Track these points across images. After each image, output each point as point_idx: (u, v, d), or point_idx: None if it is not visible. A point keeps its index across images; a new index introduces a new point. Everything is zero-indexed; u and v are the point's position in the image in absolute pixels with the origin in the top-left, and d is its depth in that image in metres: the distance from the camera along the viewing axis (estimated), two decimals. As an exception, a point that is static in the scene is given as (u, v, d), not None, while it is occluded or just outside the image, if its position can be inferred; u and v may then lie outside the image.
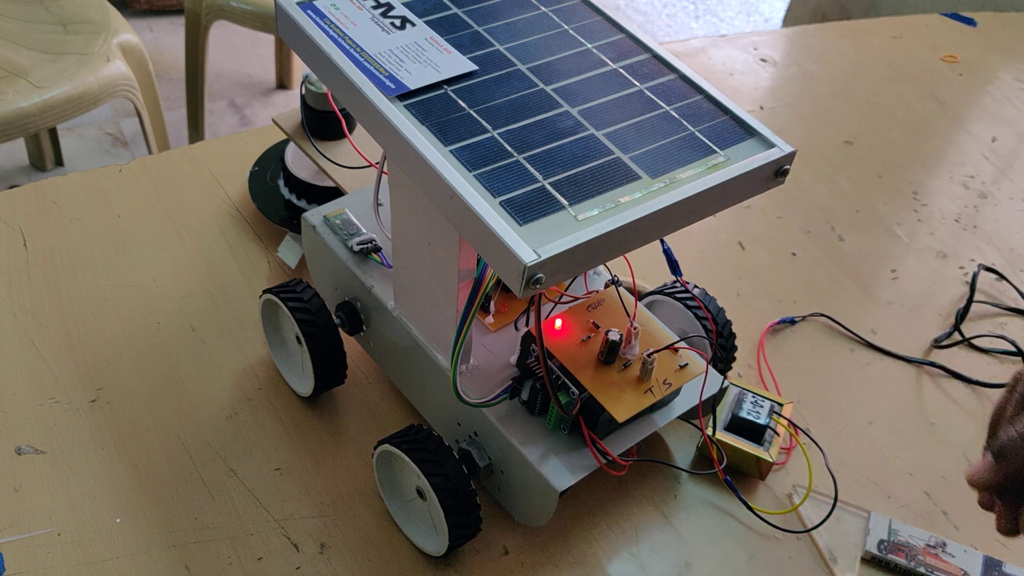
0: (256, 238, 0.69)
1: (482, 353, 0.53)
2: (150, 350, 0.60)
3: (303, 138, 0.66)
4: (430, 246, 0.47)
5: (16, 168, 1.78)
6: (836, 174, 0.88)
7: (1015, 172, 0.94)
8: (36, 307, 0.61)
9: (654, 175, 0.41)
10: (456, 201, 0.39)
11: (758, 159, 0.43)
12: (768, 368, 0.66)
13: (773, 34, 1.12)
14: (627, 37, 0.49)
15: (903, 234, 0.83)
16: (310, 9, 0.46)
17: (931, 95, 1.04)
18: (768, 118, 0.94)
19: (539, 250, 0.37)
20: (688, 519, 0.56)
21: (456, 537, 0.48)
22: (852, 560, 0.55)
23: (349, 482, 0.54)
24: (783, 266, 0.76)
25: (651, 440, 0.59)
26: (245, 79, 2.15)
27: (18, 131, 1.19)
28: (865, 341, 0.70)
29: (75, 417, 0.56)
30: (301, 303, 0.54)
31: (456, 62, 0.45)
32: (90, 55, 1.28)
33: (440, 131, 0.41)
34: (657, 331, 0.51)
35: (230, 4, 1.57)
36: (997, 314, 0.76)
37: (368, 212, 0.58)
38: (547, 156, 0.41)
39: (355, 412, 0.58)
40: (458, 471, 0.47)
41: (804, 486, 0.58)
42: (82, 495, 0.52)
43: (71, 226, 0.68)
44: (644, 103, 0.45)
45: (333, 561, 0.51)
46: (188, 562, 0.50)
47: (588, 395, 0.47)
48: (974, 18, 1.23)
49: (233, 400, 0.58)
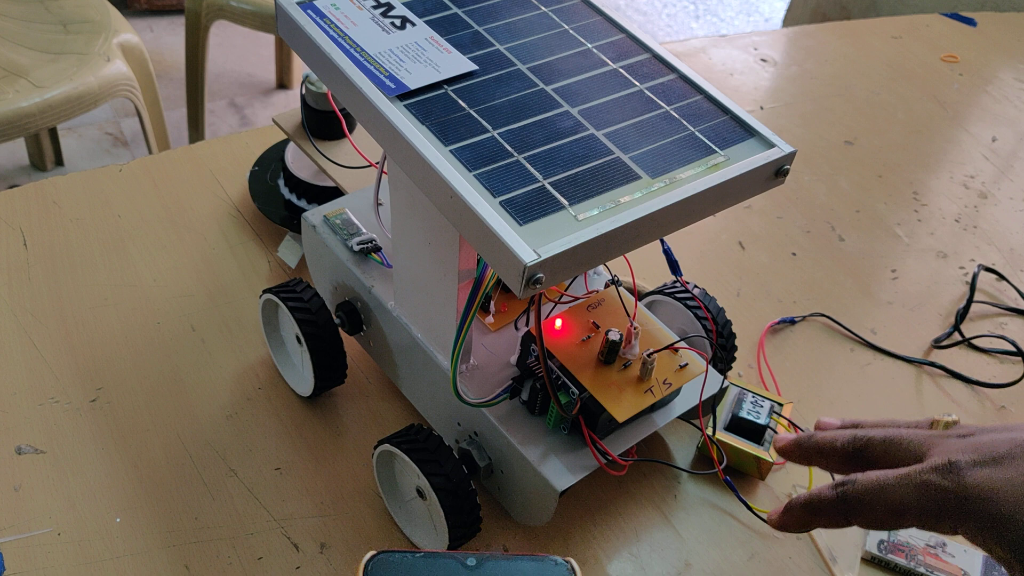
0: (256, 238, 0.69)
1: (482, 353, 0.53)
2: (150, 350, 0.60)
3: (303, 138, 0.66)
4: (430, 246, 0.47)
5: (16, 168, 1.78)
6: (836, 174, 0.88)
7: (1015, 172, 0.94)
8: (36, 307, 0.61)
9: (654, 175, 0.41)
10: (456, 201, 0.39)
11: (758, 159, 0.43)
12: (768, 368, 0.66)
13: (773, 34, 1.12)
14: (627, 37, 0.49)
15: (903, 234, 0.83)
16: (310, 9, 0.47)
17: (931, 95, 1.04)
18: (768, 118, 0.94)
19: (539, 250, 0.37)
20: (688, 519, 0.56)
21: (456, 537, 0.48)
22: (852, 560, 0.55)
23: (349, 482, 0.55)
24: (783, 266, 0.76)
25: (651, 440, 0.59)
26: (245, 79, 2.15)
27: (18, 131, 1.19)
28: (865, 341, 0.70)
29: (75, 417, 0.56)
30: (301, 303, 0.54)
31: (456, 62, 0.45)
32: (90, 55, 1.28)
33: (440, 131, 0.41)
34: (657, 331, 0.51)
35: (230, 4, 1.57)
36: (997, 314, 0.76)
37: (368, 212, 0.58)
38: (547, 156, 0.41)
39: (355, 412, 0.58)
40: (458, 471, 0.47)
41: (804, 486, 0.58)
42: (82, 495, 0.52)
43: (71, 226, 0.68)
44: (644, 103, 0.45)
45: (333, 561, 0.51)
46: (188, 562, 0.50)
47: (588, 395, 0.47)
48: (974, 18, 1.23)
49: (233, 400, 0.58)
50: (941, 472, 0.38)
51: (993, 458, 0.38)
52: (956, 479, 0.37)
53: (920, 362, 0.69)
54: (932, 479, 0.38)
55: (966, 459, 0.38)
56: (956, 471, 0.38)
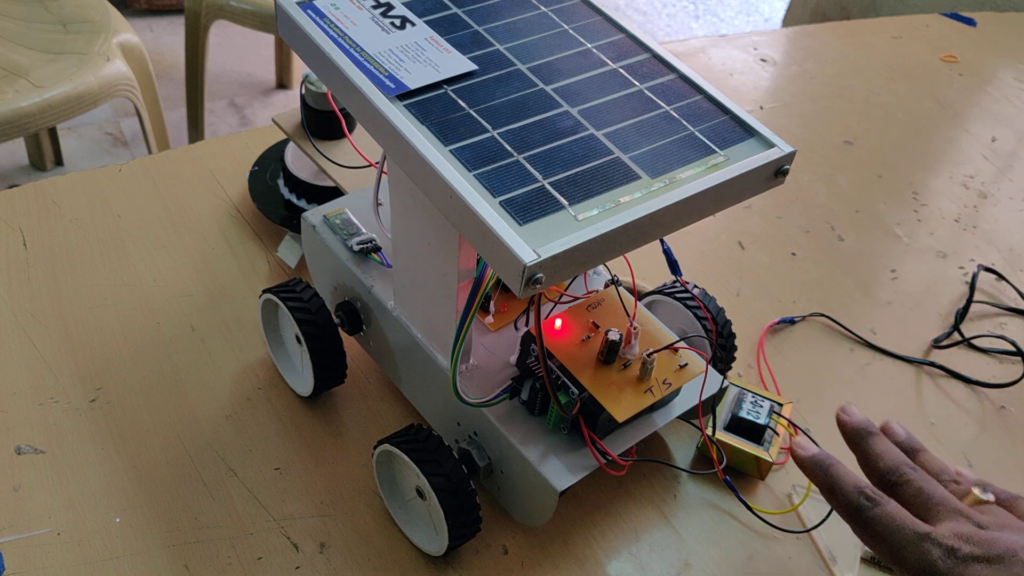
0: (256, 238, 0.69)
1: (482, 353, 0.53)
2: (150, 350, 0.60)
3: (303, 138, 0.66)
4: (430, 246, 0.47)
5: (16, 168, 1.78)
6: (836, 174, 0.88)
7: (1015, 172, 0.94)
8: (36, 307, 0.61)
9: (654, 175, 0.41)
10: (456, 201, 0.39)
11: (758, 159, 0.43)
12: (768, 368, 0.66)
13: (773, 34, 1.12)
14: (627, 37, 0.49)
15: (903, 234, 0.83)
16: (310, 9, 0.47)
17: (931, 95, 1.04)
18: (768, 118, 0.94)
19: (539, 250, 0.37)
20: (688, 519, 0.56)
21: (456, 537, 0.48)
22: (851, 560, 0.55)
23: (349, 482, 0.55)
24: (783, 266, 0.76)
25: (651, 440, 0.59)
26: (245, 79, 2.15)
27: (18, 131, 1.19)
28: (865, 341, 0.70)
29: (75, 417, 0.56)
30: (301, 303, 0.54)
31: (456, 62, 0.45)
32: (90, 55, 1.28)
33: (440, 131, 0.41)
34: (657, 331, 0.51)
35: (230, 4, 1.57)
36: (997, 314, 0.76)
37: (368, 212, 0.58)
38: (547, 156, 0.41)
39: (355, 412, 0.58)
40: (458, 471, 0.47)
41: (804, 486, 0.58)
42: (81, 495, 0.52)
43: (71, 226, 0.68)
44: (644, 103, 0.45)
45: (333, 561, 0.51)
46: (188, 562, 0.50)
47: (588, 395, 0.47)
48: (974, 18, 1.23)
49: (233, 400, 0.58)
50: (942, 552, 0.42)
51: (988, 556, 0.42)
52: (949, 565, 0.42)
53: (920, 362, 0.69)
54: (934, 555, 0.42)
55: (966, 551, 0.42)
56: (955, 559, 0.42)
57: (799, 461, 0.49)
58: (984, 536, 0.43)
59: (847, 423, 0.50)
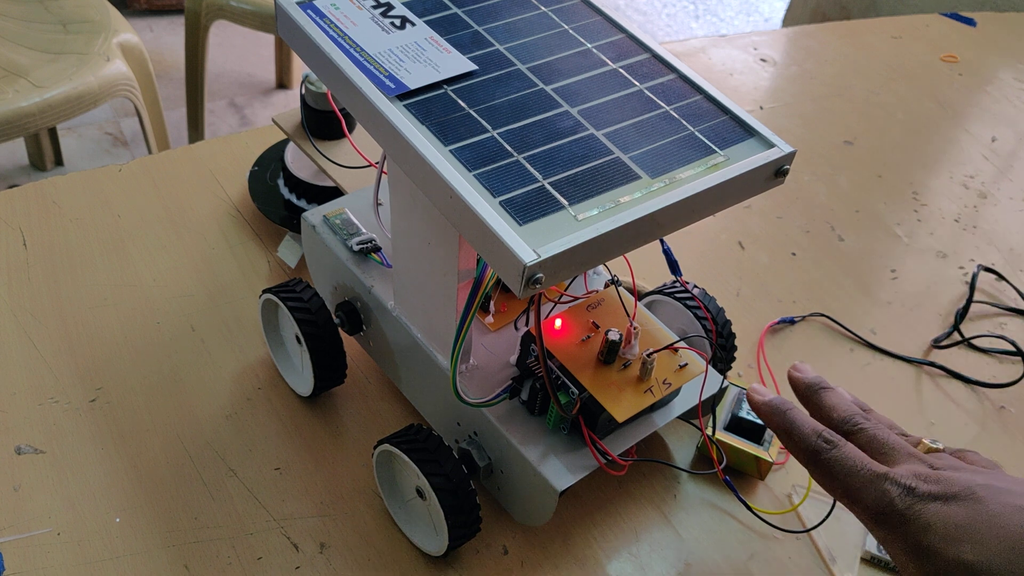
0: (256, 238, 0.69)
1: (482, 353, 0.53)
2: (150, 350, 0.60)
3: (303, 138, 0.66)
4: (430, 246, 0.47)
5: (16, 168, 1.78)
6: (836, 174, 0.88)
7: (1015, 172, 0.94)
8: (36, 307, 0.61)
9: (654, 175, 0.41)
10: (456, 201, 0.39)
11: (758, 159, 0.43)
12: (768, 368, 0.66)
13: (773, 34, 1.12)
14: (627, 37, 0.49)
15: (903, 234, 0.83)
16: (310, 9, 0.46)
17: (931, 95, 1.04)
18: (768, 118, 0.94)
19: (539, 250, 0.37)
20: (688, 519, 0.56)
21: (456, 537, 0.48)
22: (851, 560, 0.55)
23: (349, 482, 0.55)
24: (783, 266, 0.76)
25: (651, 440, 0.59)
26: (245, 79, 2.16)
27: (18, 131, 1.19)
28: (865, 341, 0.70)
29: (75, 417, 0.56)
30: (301, 303, 0.54)
31: (456, 62, 0.45)
32: (90, 55, 1.28)
33: (440, 131, 0.41)
34: (657, 331, 0.51)
35: (230, 4, 1.57)
36: (997, 314, 0.76)
37: (368, 212, 0.58)
38: (547, 156, 0.41)
39: (355, 412, 0.58)
40: (458, 471, 0.47)
41: (804, 486, 0.58)
42: (81, 495, 0.52)
43: (71, 226, 0.68)
44: (644, 103, 0.45)
45: (333, 561, 0.51)
46: (188, 562, 0.50)
47: (588, 395, 0.47)
48: (974, 18, 1.23)
49: (233, 400, 0.58)
50: (901, 490, 0.42)
51: (945, 495, 0.42)
52: (908, 503, 0.42)
53: (920, 362, 0.69)
54: (891, 492, 0.42)
55: (924, 489, 0.42)
56: (913, 496, 0.42)
57: (755, 406, 0.49)
58: (941, 475, 0.43)
59: (799, 380, 0.50)
